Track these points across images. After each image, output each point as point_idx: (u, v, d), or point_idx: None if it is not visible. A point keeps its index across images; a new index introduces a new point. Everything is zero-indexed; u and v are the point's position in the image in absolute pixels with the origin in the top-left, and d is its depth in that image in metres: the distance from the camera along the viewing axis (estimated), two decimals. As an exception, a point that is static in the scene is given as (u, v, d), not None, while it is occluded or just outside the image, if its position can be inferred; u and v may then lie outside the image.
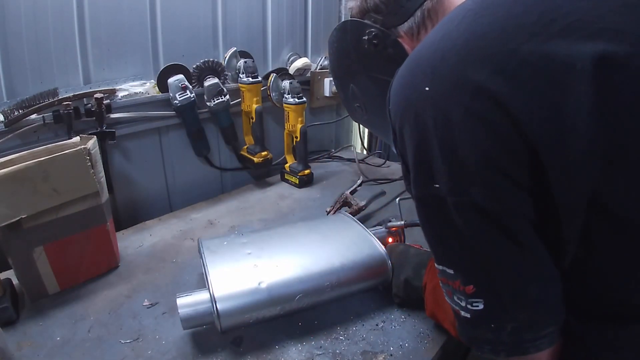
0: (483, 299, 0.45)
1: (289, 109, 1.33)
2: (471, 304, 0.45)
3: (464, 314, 0.47)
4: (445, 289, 0.50)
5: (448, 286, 0.48)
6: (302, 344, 0.70)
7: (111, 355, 0.67)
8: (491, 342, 0.46)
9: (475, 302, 0.45)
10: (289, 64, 1.51)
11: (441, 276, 0.49)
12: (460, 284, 0.46)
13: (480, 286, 0.45)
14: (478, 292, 0.45)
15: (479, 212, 0.41)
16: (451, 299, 0.49)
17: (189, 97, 1.19)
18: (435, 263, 0.49)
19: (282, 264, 0.75)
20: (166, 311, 0.78)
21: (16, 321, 0.74)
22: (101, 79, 1.09)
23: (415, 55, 0.46)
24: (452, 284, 0.47)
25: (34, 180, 0.73)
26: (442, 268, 0.48)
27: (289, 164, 1.42)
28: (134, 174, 1.20)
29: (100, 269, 0.89)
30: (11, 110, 0.92)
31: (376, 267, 0.78)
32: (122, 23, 1.09)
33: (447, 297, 0.50)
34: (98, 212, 0.84)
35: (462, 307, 0.47)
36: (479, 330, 0.47)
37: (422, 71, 0.43)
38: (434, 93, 0.41)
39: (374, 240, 0.83)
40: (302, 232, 0.89)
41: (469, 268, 0.45)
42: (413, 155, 0.45)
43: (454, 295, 0.47)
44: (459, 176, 0.42)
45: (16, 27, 0.93)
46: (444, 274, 0.48)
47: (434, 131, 0.42)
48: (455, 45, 0.41)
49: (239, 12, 1.33)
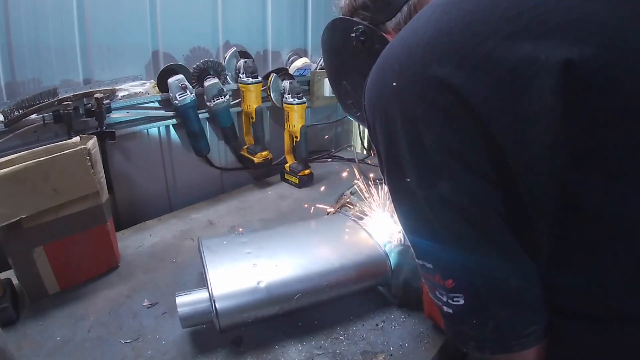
0: (463, 293, 0.44)
1: (289, 109, 1.33)
2: (452, 298, 0.45)
3: (447, 309, 0.47)
4: (428, 285, 0.49)
5: (429, 281, 0.48)
6: (302, 344, 0.70)
7: (111, 355, 0.67)
8: (475, 338, 0.46)
9: (455, 297, 0.45)
10: (289, 64, 1.51)
11: (422, 271, 0.49)
12: (440, 278, 0.45)
13: (459, 280, 0.44)
14: (457, 287, 0.44)
15: (448, 206, 0.42)
16: (434, 295, 0.48)
17: (189, 97, 1.19)
18: (415, 258, 0.49)
19: (281, 263, 0.75)
20: (166, 311, 0.78)
21: (16, 321, 0.74)
22: (101, 79, 1.09)
23: (387, 51, 0.46)
24: (432, 278, 0.47)
25: (34, 180, 0.73)
26: (421, 263, 0.48)
27: (289, 164, 1.42)
28: (134, 174, 1.20)
29: (100, 269, 0.89)
30: (11, 110, 0.92)
31: (375, 267, 0.78)
32: (122, 23, 1.09)
33: (430, 292, 0.50)
34: (98, 212, 0.84)
35: (444, 302, 0.46)
36: (462, 326, 0.47)
37: (390, 67, 0.44)
38: (400, 88, 0.42)
39: (374, 240, 0.83)
40: (302, 232, 0.89)
41: (446, 262, 0.45)
42: (384, 149, 0.45)
43: (436, 291, 0.47)
44: (426, 170, 0.42)
45: (16, 28, 0.93)
46: (424, 268, 0.48)
47: (401, 126, 0.42)
48: (421, 40, 0.41)
49: (239, 12, 1.33)
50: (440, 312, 0.50)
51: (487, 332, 0.44)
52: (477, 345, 0.46)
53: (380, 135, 0.45)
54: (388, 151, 0.45)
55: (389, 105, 0.43)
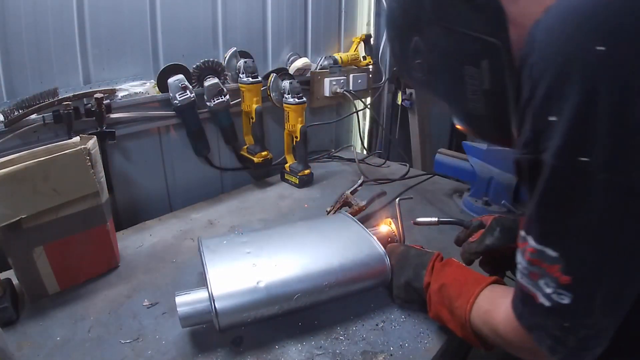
0: (574, 294, 0.41)
1: (289, 109, 1.33)
2: (558, 294, 0.41)
3: (543, 300, 0.43)
4: (530, 270, 0.44)
5: (538, 268, 0.43)
6: (302, 343, 0.70)
7: (111, 355, 0.67)
8: (555, 339, 0.43)
9: (563, 294, 0.41)
10: (289, 64, 1.51)
11: (534, 256, 0.43)
12: (558, 270, 0.41)
13: (581, 281, 0.40)
14: (573, 286, 0.40)
15: (633, 199, 0.36)
16: (531, 281, 0.44)
17: (189, 97, 1.19)
18: (536, 240, 0.43)
19: (281, 263, 0.75)
20: (166, 311, 0.78)
21: (16, 321, 0.74)
22: (101, 79, 1.09)
23: (578, 5, 0.39)
24: (546, 267, 0.42)
25: (34, 180, 0.73)
26: (540, 248, 0.42)
27: (289, 164, 1.42)
28: (134, 174, 1.20)
29: (100, 269, 0.89)
30: (11, 110, 0.92)
31: (375, 267, 0.78)
32: (122, 23, 1.09)
33: (525, 277, 0.45)
34: (98, 212, 0.84)
35: (544, 293, 0.43)
36: (549, 323, 0.43)
37: (591, 27, 0.37)
38: (612, 55, 0.36)
39: (374, 240, 0.83)
40: (302, 232, 0.89)
41: (581, 258, 0.40)
42: (569, 119, 0.38)
43: (541, 279, 0.43)
44: (624, 154, 0.36)
45: (16, 28, 0.93)
46: (540, 255, 0.42)
47: (607, 98, 0.36)
48: None
49: (239, 12, 1.33)
50: (522, 297, 0.47)
51: (572, 339, 0.42)
52: (551, 345, 0.44)
53: (565, 101, 0.38)
54: (573, 122, 0.38)
55: (588, 70, 0.37)
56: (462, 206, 1.22)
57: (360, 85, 1.74)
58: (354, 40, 1.75)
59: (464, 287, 0.63)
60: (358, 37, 1.74)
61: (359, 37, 1.74)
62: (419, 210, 1.18)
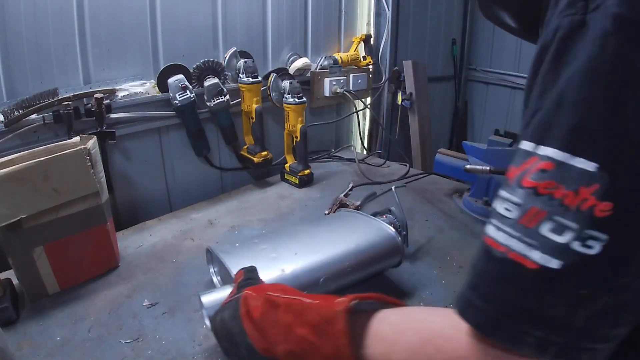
0: (611, 234, 0.27)
1: (289, 109, 1.33)
2: (582, 240, 0.27)
3: (542, 260, 0.28)
4: (528, 208, 0.29)
5: (548, 200, 0.28)
6: (302, 344, 0.70)
7: (111, 355, 0.67)
8: (549, 325, 0.29)
9: (593, 237, 0.27)
10: (289, 64, 1.51)
11: (548, 177, 0.29)
12: (593, 194, 0.27)
13: (627, 210, 0.27)
14: (614, 219, 0.27)
15: None
16: (525, 230, 0.29)
17: (189, 97, 1.19)
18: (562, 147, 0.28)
19: (300, 252, 0.76)
20: (166, 311, 0.78)
21: (16, 321, 0.74)
22: (101, 79, 1.09)
23: None
24: (567, 194, 0.28)
25: (34, 180, 0.73)
26: (566, 160, 0.28)
27: (289, 164, 1.42)
28: (134, 174, 1.20)
29: (100, 269, 0.89)
30: (11, 110, 0.92)
31: (388, 244, 0.80)
32: (122, 23, 1.09)
33: (510, 228, 0.30)
34: (98, 212, 0.84)
35: (548, 246, 0.28)
36: (547, 299, 0.29)
37: None
38: None
39: (380, 222, 0.85)
40: (311, 228, 0.92)
41: (634, 171, 0.27)
42: None
43: (546, 222, 0.28)
44: None
45: (16, 27, 0.93)
46: (561, 172, 0.28)
47: None
48: None
49: (239, 12, 1.33)
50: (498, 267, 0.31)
51: (580, 316, 0.28)
52: (541, 339, 0.29)
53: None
54: None
55: None
56: (462, 206, 1.22)
57: (360, 85, 1.74)
58: (354, 40, 1.75)
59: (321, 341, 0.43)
60: (358, 37, 1.74)
61: (359, 37, 1.74)
62: (417, 209, 1.18)
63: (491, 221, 0.32)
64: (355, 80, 1.71)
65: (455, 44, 2.30)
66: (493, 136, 1.20)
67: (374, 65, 1.81)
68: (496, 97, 2.38)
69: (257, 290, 0.54)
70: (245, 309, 0.51)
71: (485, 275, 0.32)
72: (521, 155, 0.31)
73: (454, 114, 2.50)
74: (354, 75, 1.71)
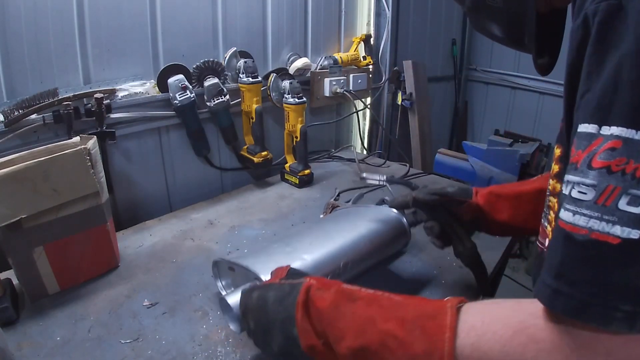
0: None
1: (289, 109, 1.33)
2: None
3: (624, 233, 0.29)
4: (604, 187, 0.30)
5: (621, 176, 0.30)
6: (302, 344, 0.70)
7: (111, 355, 0.67)
8: (637, 296, 0.30)
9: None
10: (289, 64, 1.51)
11: (616, 154, 0.30)
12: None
13: None
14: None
15: None
16: (603, 209, 0.30)
17: (189, 97, 1.19)
18: (625, 123, 0.30)
19: (314, 242, 0.77)
20: (166, 311, 0.78)
21: (16, 321, 0.74)
22: (101, 79, 1.09)
23: None
24: (637, 165, 0.29)
25: (34, 180, 0.73)
26: (631, 135, 0.29)
27: (289, 164, 1.42)
28: (134, 174, 1.20)
29: (100, 269, 0.89)
30: (11, 110, 0.92)
31: (395, 224, 0.84)
32: (122, 23, 1.09)
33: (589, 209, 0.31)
34: (98, 212, 0.84)
35: (629, 218, 0.29)
36: (632, 270, 0.29)
37: None
38: None
39: (382, 207, 0.87)
40: (315, 225, 0.93)
41: None
42: None
43: (623, 197, 0.29)
44: None
45: (16, 27, 0.93)
46: (629, 147, 0.29)
47: None
48: None
49: (239, 13, 1.33)
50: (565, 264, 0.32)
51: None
52: (630, 312, 0.30)
53: None
54: None
55: None
56: (462, 206, 1.22)
57: (360, 85, 1.74)
58: (354, 40, 1.75)
59: (411, 347, 0.41)
60: (358, 37, 1.74)
61: (359, 37, 1.74)
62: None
63: (565, 207, 0.33)
64: (355, 80, 1.72)
65: (455, 44, 2.30)
66: (493, 136, 1.20)
67: (374, 65, 1.81)
68: (496, 97, 2.38)
69: (322, 281, 0.50)
70: (304, 297, 0.47)
71: (569, 261, 0.32)
72: (585, 138, 0.32)
73: (454, 114, 2.50)
74: (354, 75, 1.71)
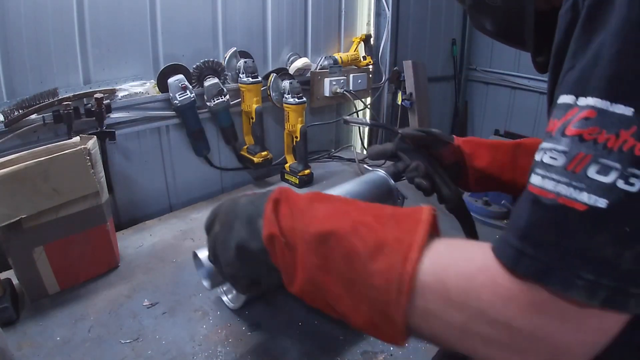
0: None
1: (289, 109, 1.33)
2: (625, 178, 0.29)
3: (591, 201, 0.30)
4: (575, 154, 0.31)
5: (593, 144, 0.31)
6: (303, 344, 0.70)
7: (111, 355, 0.67)
8: (598, 267, 0.30)
9: (637, 174, 0.29)
10: (289, 64, 1.51)
11: (590, 124, 0.31)
12: (632, 135, 0.29)
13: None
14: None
15: None
16: (572, 175, 0.31)
17: (189, 97, 1.19)
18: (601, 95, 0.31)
19: None
20: (166, 311, 0.78)
21: (16, 321, 0.74)
22: (101, 79, 1.09)
23: None
24: (608, 138, 0.30)
25: (34, 180, 0.73)
26: (606, 107, 0.31)
27: (289, 164, 1.42)
28: (134, 174, 1.20)
29: (100, 269, 0.89)
30: (11, 110, 0.92)
31: (380, 185, 0.86)
32: (122, 23, 1.09)
33: (557, 174, 0.32)
34: (98, 212, 0.84)
35: (596, 186, 0.30)
36: (596, 239, 0.30)
37: None
38: None
39: (365, 168, 0.90)
40: None
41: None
42: None
43: (593, 165, 0.30)
44: None
45: (16, 27, 0.93)
46: (602, 118, 0.31)
47: None
48: None
49: (239, 13, 1.33)
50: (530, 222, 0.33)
51: (628, 256, 0.30)
52: (591, 281, 0.30)
53: None
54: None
55: None
56: (462, 206, 1.22)
57: (360, 85, 1.74)
58: (354, 40, 1.75)
59: (384, 233, 0.40)
60: (358, 37, 1.74)
61: (359, 37, 1.74)
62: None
63: (535, 172, 0.34)
64: (355, 80, 1.71)
65: (455, 44, 2.30)
66: (493, 136, 1.20)
67: (374, 65, 1.81)
68: (496, 97, 2.38)
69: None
70: (278, 194, 0.47)
71: (535, 224, 0.33)
72: (562, 108, 0.33)
73: (454, 114, 2.50)
74: (354, 75, 1.71)
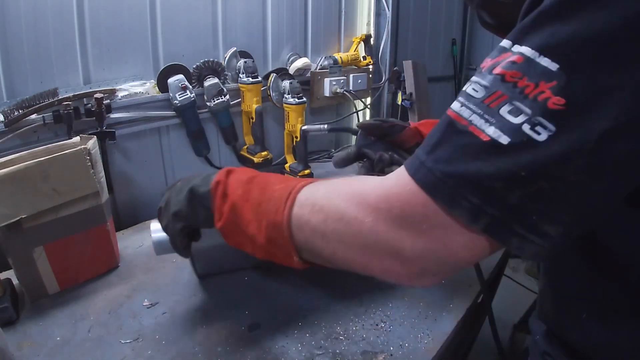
0: (558, 126, 0.31)
1: (289, 109, 1.33)
2: (532, 125, 0.31)
3: (495, 134, 0.32)
4: (494, 90, 0.34)
5: (512, 87, 0.33)
6: (302, 343, 0.70)
7: (111, 355, 0.67)
8: (485, 195, 0.33)
9: (545, 126, 0.31)
10: (289, 64, 1.51)
11: (516, 67, 0.33)
12: (550, 89, 0.31)
13: (575, 108, 0.30)
14: (563, 114, 0.31)
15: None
16: (484, 107, 0.34)
17: (189, 97, 1.19)
18: (534, 46, 0.32)
19: None
20: (166, 311, 0.78)
21: (16, 321, 0.74)
22: (101, 79, 1.09)
23: None
24: (528, 84, 0.32)
25: (34, 180, 0.73)
26: (534, 57, 0.32)
27: (289, 164, 1.42)
28: (134, 174, 1.20)
29: (100, 269, 0.89)
30: (11, 110, 0.92)
31: None
32: (122, 23, 1.09)
33: (472, 104, 0.35)
34: (98, 212, 0.84)
35: (503, 124, 0.32)
36: (488, 169, 0.32)
37: None
38: None
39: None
40: None
41: (589, 77, 0.31)
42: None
43: (506, 104, 0.33)
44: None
45: (16, 27, 0.93)
46: (528, 66, 0.32)
47: None
48: None
49: (239, 12, 1.33)
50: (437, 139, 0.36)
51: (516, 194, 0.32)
52: (476, 206, 0.33)
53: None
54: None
55: None
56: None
57: (360, 85, 1.74)
58: (354, 40, 1.75)
59: (292, 180, 0.50)
60: (358, 37, 1.74)
61: (359, 37, 1.74)
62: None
63: (458, 99, 0.36)
64: (355, 80, 1.71)
65: (455, 44, 2.30)
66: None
67: (374, 65, 1.81)
68: (496, 97, 2.37)
69: None
70: (228, 169, 0.57)
71: (443, 143, 0.35)
72: (498, 50, 0.36)
73: (454, 114, 2.50)
74: (354, 75, 1.71)
